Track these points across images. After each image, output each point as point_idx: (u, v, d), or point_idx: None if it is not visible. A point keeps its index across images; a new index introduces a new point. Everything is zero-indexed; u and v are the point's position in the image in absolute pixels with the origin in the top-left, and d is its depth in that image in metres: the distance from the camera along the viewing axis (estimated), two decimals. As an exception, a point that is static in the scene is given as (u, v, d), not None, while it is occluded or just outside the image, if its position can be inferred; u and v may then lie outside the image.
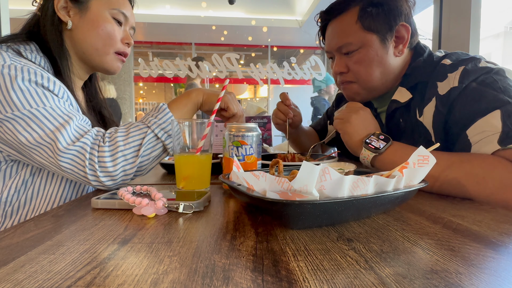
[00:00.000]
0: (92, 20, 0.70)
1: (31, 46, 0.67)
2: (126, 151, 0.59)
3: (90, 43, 0.70)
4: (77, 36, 0.70)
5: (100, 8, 0.70)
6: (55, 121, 0.57)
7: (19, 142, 0.56)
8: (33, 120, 0.55)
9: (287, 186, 0.35)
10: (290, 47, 6.80)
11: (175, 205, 0.43)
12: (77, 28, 0.70)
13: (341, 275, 0.25)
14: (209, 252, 0.30)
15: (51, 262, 0.28)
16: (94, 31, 0.70)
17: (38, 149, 0.56)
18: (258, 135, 0.57)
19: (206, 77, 3.85)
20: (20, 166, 0.64)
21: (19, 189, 0.64)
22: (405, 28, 0.72)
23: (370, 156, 0.66)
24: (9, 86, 0.55)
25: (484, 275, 0.25)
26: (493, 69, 0.61)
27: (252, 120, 1.34)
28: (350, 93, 0.80)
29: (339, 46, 0.76)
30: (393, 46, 0.74)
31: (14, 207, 0.64)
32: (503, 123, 0.54)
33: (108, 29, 0.71)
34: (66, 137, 0.56)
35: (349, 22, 0.74)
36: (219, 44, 6.54)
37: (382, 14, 0.71)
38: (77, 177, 0.58)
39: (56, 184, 0.66)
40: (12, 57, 0.59)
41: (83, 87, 0.83)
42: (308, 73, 4.37)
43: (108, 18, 0.71)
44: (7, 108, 0.55)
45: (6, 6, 1.58)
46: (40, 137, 0.55)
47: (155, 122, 0.62)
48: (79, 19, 0.69)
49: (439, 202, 0.50)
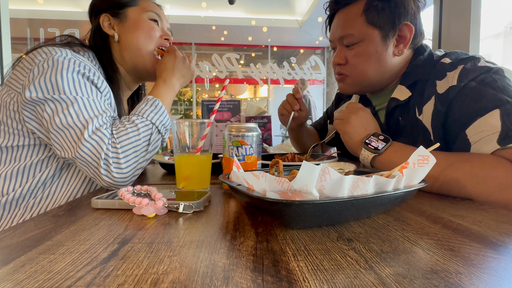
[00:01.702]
0: (133, 24, 0.78)
1: (89, 53, 0.74)
2: (138, 147, 0.63)
3: (134, 44, 0.78)
4: (123, 43, 0.79)
5: (137, 13, 0.79)
6: (91, 112, 0.62)
7: (53, 123, 0.60)
8: (73, 105, 0.60)
9: (287, 186, 0.35)
10: (290, 47, 6.80)
11: (175, 205, 0.43)
12: (122, 36, 0.78)
13: (341, 275, 0.25)
14: (209, 252, 0.30)
15: (51, 262, 0.28)
16: (136, 32, 0.78)
17: (66, 131, 0.60)
18: (258, 135, 0.57)
19: (206, 77, 3.84)
20: (51, 161, 0.68)
21: (46, 182, 0.67)
22: (408, 28, 0.72)
23: (369, 156, 0.66)
24: (62, 72, 0.61)
25: (484, 275, 0.25)
26: (492, 68, 0.61)
27: (252, 120, 1.34)
28: (344, 85, 0.82)
29: (341, 36, 0.77)
30: (393, 45, 0.73)
31: (37, 199, 0.67)
32: (503, 123, 0.54)
33: (147, 27, 0.79)
34: (95, 124, 0.61)
35: (355, 14, 0.74)
36: (219, 44, 6.54)
37: (387, 10, 0.71)
38: (88, 168, 0.60)
39: (80, 180, 0.70)
40: (73, 53, 0.67)
41: (129, 101, 0.91)
42: (308, 73, 4.37)
43: (146, 20, 0.79)
44: (55, 90, 0.60)
45: (6, 6, 1.58)
46: (73, 121, 0.60)
47: (157, 118, 0.67)
48: (122, 28, 0.78)
49: (439, 202, 0.50)
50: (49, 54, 0.63)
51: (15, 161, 0.66)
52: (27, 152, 0.66)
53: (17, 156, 0.66)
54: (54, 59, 0.62)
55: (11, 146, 0.65)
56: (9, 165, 0.65)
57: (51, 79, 0.60)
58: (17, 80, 0.65)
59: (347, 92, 0.83)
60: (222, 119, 1.20)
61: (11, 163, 0.66)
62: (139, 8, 0.80)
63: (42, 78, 0.60)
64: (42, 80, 0.60)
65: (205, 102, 1.24)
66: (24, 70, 0.64)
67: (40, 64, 0.62)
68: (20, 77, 0.64)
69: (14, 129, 0.65)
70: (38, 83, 0.60)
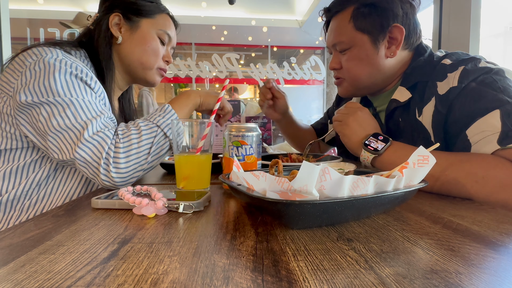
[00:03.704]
0: (141, 38, 0.77)
1: (81, 52, 0.73)
2: (139, 148, 0.62)
3: (137, 57, 0.78)
4: (125, 50, 0.77)
5: (150, 28, 0.78)
6: (88, 113, 0.61)
7: (49, 126, 0.59)
8: (70, 107, 0.59)
9: (287, 186, 0.35)
10: (290, 47, 6.80)
11: (175, 205, 0.43)
12: (126, 43, 0.77)
13: (341, 275, 0.25)
14: (209, 252, 0.30)
15: (51, 262, 0.28)
16: (142, 47, 0.77)
17: (64, 133, 0.59)
18: (258, 135, 0.57)
19: (206, 77, 3.85)
20: (44, 161, 0.67)
21: (40, 183, 0.66)
22: (399, 30, 0.72)
23: (369, 157, 0.66)
24: (55, 74, 0.60)
25: (484, 275, 0.25)
26: (493, 69, 0.61)
27: (252, 120, 1.34)
28: (341, 89, 0.85)
29: (333, 43, 0.80)
30: (385, 47, 0.74)
31: (32, 201, 0.66)
32: (503, 123, 0.54)
33: (154, 46, 0.78)
34: (95, 126, 0.61)
35: (344, 21, 0.76)
36: (219, 44, 6.54)
37: (374, 15, 0.72)
38: (87, 169, 0.60)
39: (76, 181, 0.69)
40: (64, 54, 0.66)
41: (120, 98, 0.90)
42: (308, 73, 4.38)
43: (155, 37, 0.78)
44: (49, 93, 0.59)
45: (6, 6, 1.58)
46: (71, 123, 0.59)
47: (164, 122, 0.65)
48: (129, 36, 0.77)
49: (439, 202, 0.50)
50: (40, 55, 0.62)
51: (8, 162, 0.65)
52: (20, 154, 0.65)
53: (10, 157, 0.65)
54: (45, 61, 0.61)
55: (4, 149, 0.65)
56: (1, 166, 0.65)
57: (44, 82, 0.59)
58: (7, 83, 0.64)
59: (346, 95, 0.85)
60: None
61: (4, 164, 0.65)
62: (154, 22, 0.78)
63: (35, 81, 0.59)
64: (36, 83, 0.59)
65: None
66: (15, 72, 0.63)
67: (31, 66, 0.61)
68: (11, 80, 0.63)
69: (7, 132, 0.64)
70: (32, 86, 0.59)
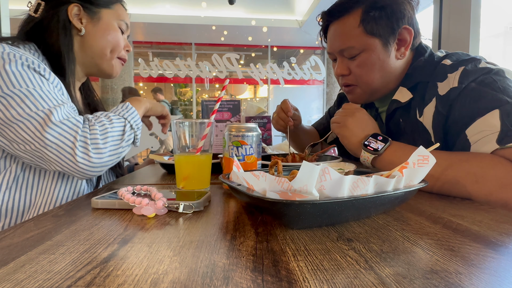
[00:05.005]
0: (104, 29, 0.77)
1: (30, 46, 0.70)
2: (113, 131, 0.64)
3: (100, 48, 0.77)
4: (88, 42, 0.76)
5: (110, 18, 0.78)
6: (50, 102, 0.59)
7: (8, 117, 0.56)
8: (28, 97, 0.57)
9: (287, 186, 0.35)
10: (290, 47, 6.80)
11: (175, 205, 0.43)
12: (89, 35, 0.75)
13: (341, 275, 0.25)
14: (209, 252, 0.30)
15: (51, 262, 0.28)
16: (105, 38, 0.77)
17: (27, 122, 0.57)
18: (258, 135, 0.57)
19: (206, 77, 3.85)
20: (8, 161, 0.64)
21: (10, 185, 0.63)
22: (408, 31, 0.71)
23: (370, 158, 0.66)
24: (5, 67, 0.58)
25: (484, 275, 0.25)
26: (493, 69, 0.61)
27: (252, 120, 1.34)
28: (354, 96, 0.81)
29: (341, 49, 0.75)
30: (395, 49, 0.73)
31: (8, 205, 0.63)
32: (502, 123, 0.55)
33: (116, 37, 0.79)
34: (60, 113, 0.59)
35: (352, 26, 0.73)
36: (219, 44, 6.54)
37: (385, 18, 0.70)
38: (59, 154, 0.58)
39: (49, 179, 0.67)
40: (12, 47, 0.62)
41: (80, 89, 0.89)
42: (308, 73, 4.37)
43: (116, 28, 0.79)
44: (2, 86, 0.57)
45: (6, 6, 1.58)
46: (31, 110, 0.57)
47: (129, 115, 0.69)
48: (92, 27, 0.75)
49: (439, 202, 0.50)
50: None
51: None
52: None
53: None
54: None
55: None
56: None
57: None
58: None
59: (360, 102, 0.82)
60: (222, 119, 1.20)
61: None
62: (114, 13, 0.79)
63: None
64: None
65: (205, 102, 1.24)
66: None
67: None
68: None
69: None
70: None
